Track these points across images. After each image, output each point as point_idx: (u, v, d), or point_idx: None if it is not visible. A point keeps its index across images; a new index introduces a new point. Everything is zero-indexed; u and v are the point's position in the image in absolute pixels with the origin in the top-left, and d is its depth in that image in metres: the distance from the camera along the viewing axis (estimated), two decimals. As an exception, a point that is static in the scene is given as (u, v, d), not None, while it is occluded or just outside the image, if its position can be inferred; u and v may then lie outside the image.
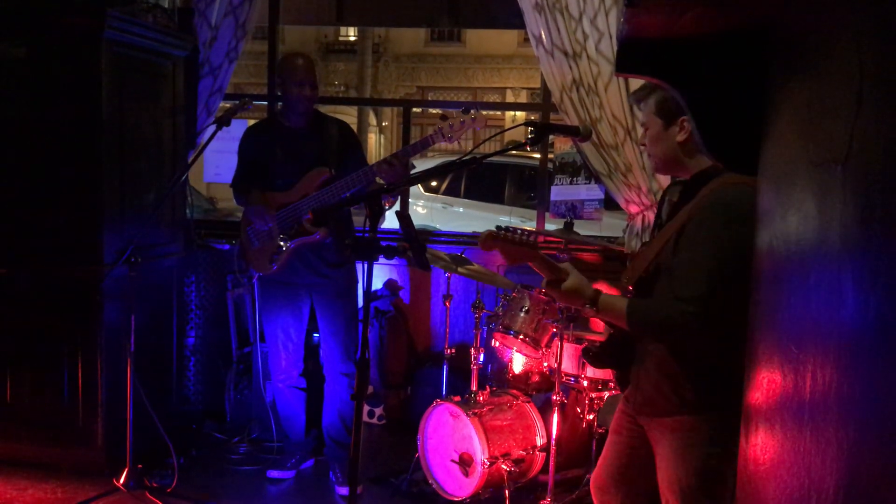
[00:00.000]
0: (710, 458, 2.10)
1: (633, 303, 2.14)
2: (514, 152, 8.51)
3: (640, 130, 4.01)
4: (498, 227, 2.17)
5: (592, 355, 2.40)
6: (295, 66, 3.63)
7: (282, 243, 3.61)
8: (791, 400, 1.36)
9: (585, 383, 3.50)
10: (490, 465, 3.35)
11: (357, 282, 3.85)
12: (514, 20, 4.35)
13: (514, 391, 3.73)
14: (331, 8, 5.78)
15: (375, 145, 22.01)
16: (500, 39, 20.38)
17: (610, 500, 2.49)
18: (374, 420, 4.63)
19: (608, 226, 5.31)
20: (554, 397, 3.34)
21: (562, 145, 4.77)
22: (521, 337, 3.52)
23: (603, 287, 2.24)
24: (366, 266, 2.22)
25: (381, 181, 3.41)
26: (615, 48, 3.90)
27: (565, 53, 4.04)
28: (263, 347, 4.09)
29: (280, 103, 4.19)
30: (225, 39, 4.49)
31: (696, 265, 2.04)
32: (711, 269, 2.02)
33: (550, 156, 4.91)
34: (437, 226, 8.46)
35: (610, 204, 4.53)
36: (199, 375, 4.54)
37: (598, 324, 3.62)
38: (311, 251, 3.66)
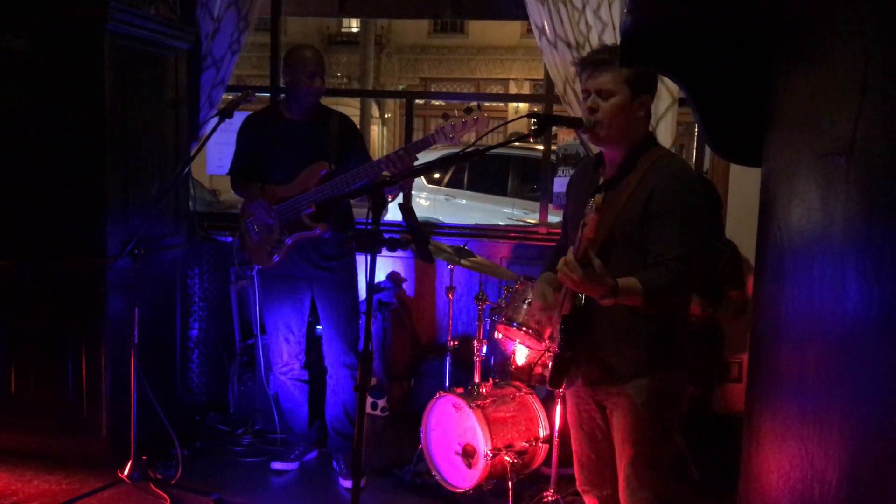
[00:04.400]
0: (664, 412, 2.33)
1: (642, 277, 2.16)
2: (517, 144, 8.50)
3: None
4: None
5: (557, 373, 2.38)
6: (305, 59, 3.60)
7: (281, 237, 3.61)
8: (794, 391, 1.36)
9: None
10: (493, 457, 3.36)
11: (358, 274, 3.85)
12: (517, 11, 4.33)
13: (517, 383, 3.73)
14: (333, -1, 5.78)
15: (378, 137, 22.00)
16: (503, 30, 20.32)
17: (602, 493, 2.51)
18: (378, 412, 4.64)
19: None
20: (558, 390, 3.34)
21: (565, 137, 4.76)
22: (524, 329, 3.52)
23: None
24: (369, 258, 2.22)
25: (387, 174, 3.40)
26: (618, 39, 3.89)
27: (568, 44, 4.03)
28: (266, 339, 4.10)
29: (283, 94, 4.18)
30: (227, 31, 4.48)
31: (682, 228, 2.20)
32: (692, 230, 2.23)
33: (553, 147, 4.90)
34: (441, 218, 8.45)
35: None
36: (203, 367, 4.55)
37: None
38: (309, 245, 3.65)
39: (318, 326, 3.99)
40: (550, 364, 2.39)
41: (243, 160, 3.76)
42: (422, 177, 8.82)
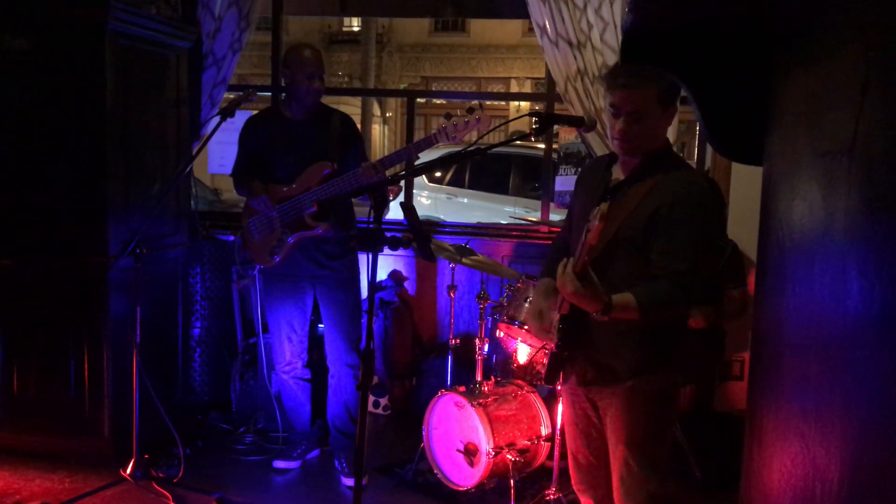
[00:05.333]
0: (658, 412, 2.33)
1: (638, 292, 2.16)
2: (518, 143, 8.50)
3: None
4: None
5: (552, 369, 2.41)
6: (304, 59, 3.60)
7: (283, 237, 3.62)
8: (795, 389, 1.36)
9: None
10: (495, 455, 3.36)
11: (359, 273, 3.85)
12: (518, 10, 4.33)
13: (519, 381, 3.74)
14: (334, -2, 5.78)
15: (379, 136, 22.00)
16: (505, 29, 20.32)
17: (597, 493, 2.52)
18: (380, 410, 4.65)
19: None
20: (559, 387, 3.34)
21: (566, 135, 4.76)
22: (526, 327, 3.52)
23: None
24: (370, 257, 2.22)
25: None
26: (620, 38, 3.89)
27: (570, 43, 4.03)
28: (268, 338, 4.10)
29: (283, 94, 4.18)
30: (228, 30, 4.49)
31: (688, 242, 2.20)
32: (700, 244, 2.23)
33: (555, 146, 4.90)
34: (442, 216, 8.45)
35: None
36: (205, 366, 4.55)
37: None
38: (312, 244, 3.66)
39: (320, 325, 3.99)
40: (546, 360, 2.40)
41: (245, 161, 3.76)
42: (423, 175, 8.82)
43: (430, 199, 9.23)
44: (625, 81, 2.25)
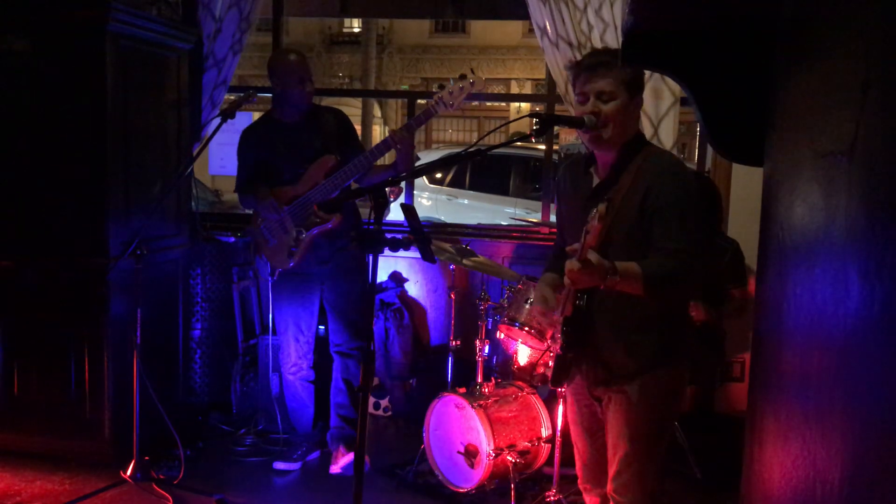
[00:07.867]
0: (661, 409, 2.34)
1: (644, 264, 2.19)
2: (519, 144, 8.50)
3: (644, 121, 3.99)
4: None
5: (558, 372, 2.42)
6: (292, 65, 3.64)
7: (300, 235, 3.63)
8: (796, 390, 1.36)
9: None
10: (495, 457, 3.36)
11: (365, 263, 3.85)
12: (519, 11, 4.34)
13: (520, 383, 3.73)
14: (335, -1, 5.78)
15: (380, 137, 22.00)
16: (505, 30, 20.34)
17: (603, 491, 2.52)
18: (380, 412, 4.64)
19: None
20: (560, 389, 3.34)
21: (567, 136, 4.77)
22: (527, 329, 3.52)
23: None
24: (370, 258, 2.22)
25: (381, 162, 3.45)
26: (620, 39, 3.89)
27: (570, 44, 4.03)
28: (274, 339, 4.10)
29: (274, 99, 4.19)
30: (229, 32, 4.49)
31: (682, 220, 2.22)
32: (692, 221, 2.26)
33: (555, 147, 4.90)
34: (443, 217, 8.45)
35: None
36: (205, 367, 4.55)
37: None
38: (324, 238, 3.68)
39: (321, 327, 3.99)
40: (552, 363, 2.40)
41: (249, 171, 3.77)
42: (424, 177, 8.82)
43: (431, 200, 9.23)
44: (590, 63, 2.30)
